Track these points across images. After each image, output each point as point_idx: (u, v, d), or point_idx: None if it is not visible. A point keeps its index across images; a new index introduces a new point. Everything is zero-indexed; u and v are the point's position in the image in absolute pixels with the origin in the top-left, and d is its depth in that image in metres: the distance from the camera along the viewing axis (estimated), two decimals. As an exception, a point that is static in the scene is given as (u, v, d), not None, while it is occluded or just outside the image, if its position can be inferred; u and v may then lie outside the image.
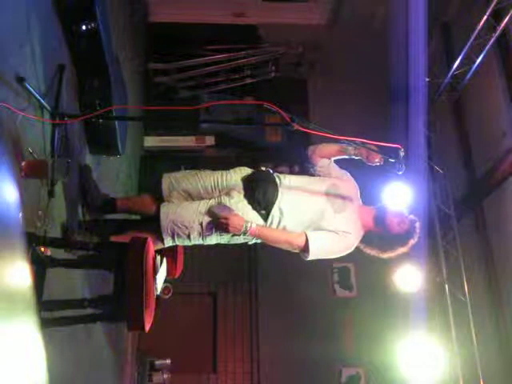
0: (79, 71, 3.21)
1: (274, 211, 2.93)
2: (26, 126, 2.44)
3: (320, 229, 2.95)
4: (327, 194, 3.00)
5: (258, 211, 2.93)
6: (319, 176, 3.14)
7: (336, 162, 3.20)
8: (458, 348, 5.57)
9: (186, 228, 2.89)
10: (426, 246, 5.31)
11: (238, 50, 7.29)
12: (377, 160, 2.93)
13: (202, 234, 2.90)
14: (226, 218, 2.80)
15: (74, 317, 2.61)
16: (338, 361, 6.49)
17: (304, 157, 3.19)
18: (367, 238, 3.04)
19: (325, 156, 3.14)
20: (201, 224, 2.88)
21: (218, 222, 2.83)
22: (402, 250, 3.01)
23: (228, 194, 2.98)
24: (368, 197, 3.20)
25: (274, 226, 2.94)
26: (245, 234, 2.84)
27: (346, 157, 3.11)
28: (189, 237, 2.91)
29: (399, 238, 2.98)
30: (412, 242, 2.98)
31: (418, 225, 2.99)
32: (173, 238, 2.93)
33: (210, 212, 2.87)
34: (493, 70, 5.46)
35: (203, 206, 2.91)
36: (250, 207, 2.93)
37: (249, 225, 2.82)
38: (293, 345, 6.43)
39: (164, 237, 2.92)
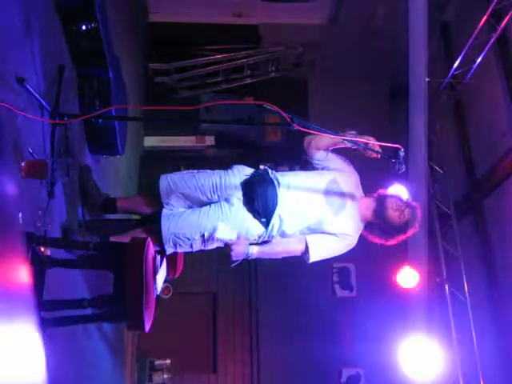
0: (79, 71, 3.21)
1: (275, 219, 2.96)
2: (26, 126, 2.43)
3: (320, 231, 3.00)
4: (327, 194, 3.00)
5: (259, 220, 2.96)
6: (317, 169, 3.14)
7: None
8: (457, 348, 5.57)
9: (188, 240, 2.95)
10: (426, 245, 5.32)
11: (238, 49, 7.29)
12: (374, 155, 2.93)
13: (203, 243, 2.97)
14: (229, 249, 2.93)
15: (74, 317, 2.61)
16: (338, 361, 6.49)
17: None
18: (371, 228, 3.07)
19: (321, 148, 3.11)
20: (202, 236, 2.93)
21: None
22: (404, 236, 3.04)
23: (228, 200, 2.99)
24: (367, 184, 3.20)
25: (275, 231, 2.99)
26: (247, 259, 2.95)
27: (343, 146, 3.08)
28: (191, 246, 2.99)
29: (401, 227, 3.00)
30: (413, 229, 3.01)
31: (418, 211, 3.01)
32: (175, 248, 2.99)
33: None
34: (493, 70, 5.45)
35: (204, 218, 2.94)
36: (250, 215, 2.96)
37: (250, 251, 2.94)
38: (293, 345, 6.43)
39: (166, 248, 2.96)
